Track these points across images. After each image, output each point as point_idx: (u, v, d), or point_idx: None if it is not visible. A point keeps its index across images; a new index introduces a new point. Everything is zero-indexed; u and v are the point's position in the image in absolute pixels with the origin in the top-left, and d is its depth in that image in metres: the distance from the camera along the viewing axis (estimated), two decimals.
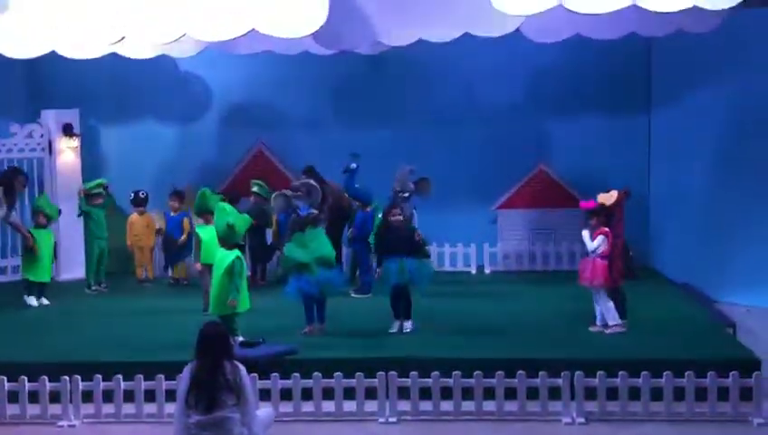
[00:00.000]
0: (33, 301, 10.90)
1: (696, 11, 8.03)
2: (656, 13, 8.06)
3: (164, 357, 8.29)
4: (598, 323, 9.12)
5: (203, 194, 10.25)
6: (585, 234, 9.04)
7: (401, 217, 9.38)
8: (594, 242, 8.95)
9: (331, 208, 11.13)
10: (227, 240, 8.67)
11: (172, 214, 12.17)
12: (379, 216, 10.34)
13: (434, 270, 9.76)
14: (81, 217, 11.98)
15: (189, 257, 12.12)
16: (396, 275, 9.12)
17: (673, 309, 10.27)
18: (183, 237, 12.01)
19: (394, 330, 9.23)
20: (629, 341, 8.79)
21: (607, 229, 8.95)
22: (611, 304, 9.02)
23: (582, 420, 7.56)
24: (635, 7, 7.77)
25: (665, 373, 7.57)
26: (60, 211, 11.49)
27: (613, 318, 9.02)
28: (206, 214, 10.09)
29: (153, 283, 12.37)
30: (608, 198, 9.11)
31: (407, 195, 10.84)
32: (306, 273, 8.99)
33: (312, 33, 8.31)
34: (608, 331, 9.01)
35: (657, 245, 12.80)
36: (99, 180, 12.11)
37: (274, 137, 13.31)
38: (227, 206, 9.03)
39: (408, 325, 9.25)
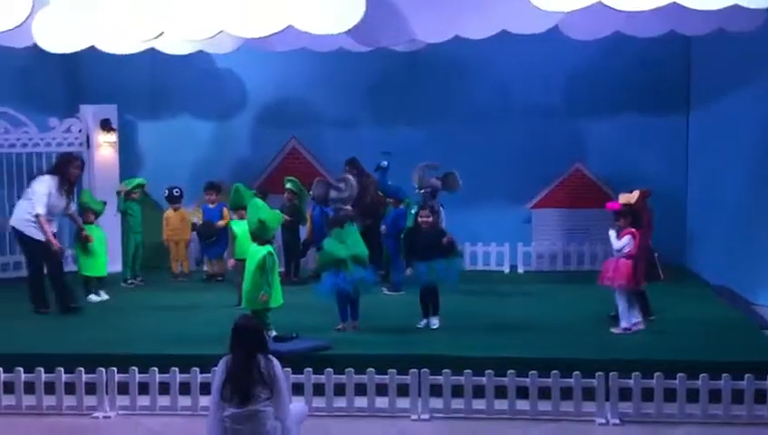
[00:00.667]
0: (94, 297, 10.83)
1: (737, 9, 7.92)
2: (696, 11, 7.97)
3: (199, 350, 8.33)
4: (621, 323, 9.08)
5: (237, 189, 10.34)
6: (612, 234, 9.04)
7: (430, 220, 9.36)
8: (620, 242, 8.93)
9: (370, 204, 11.21)
10: (259, 236, 8.71)
11: (210, 206, 12.25)
12: (413, 212, 10.33)
13: (463, 268, 9.70)
14: (119, 213, 12.10)
15: (225, 252, 12.25)
16: (424, 276, 9.18)
17: (710, 311, 10.17)
18: (222, 222, 12.04)
19: (421, 326, 9.28)
20: (665, 342, 8.71)
21: (633, 230, 8.92)
22: (628, 305, 8.98)
23: (617, 421, 7.50)
24: (675, 5, 7.67)
25: (701, 375, 7.49)
26: (105, 204, 11.41)
27: (627, 320, 8.97)
28: (240, 209, 10.17)
29: (188, 277, 12.46)
30: (629, 197, 9.15)
31: (423, 191, 10.76)
32: (343, 269, 9.01)
33: (349, 30, 8.30)
34: (616, 331, 8.99)
35: (695, 246, 12.69)
36: (138, 181, 12.21)
37: (308, 134, 13.35)
38: (260, 201, 9.08)
39: (434, 322, 9.28)
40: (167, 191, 12.39)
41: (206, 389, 7.27)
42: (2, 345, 8.83)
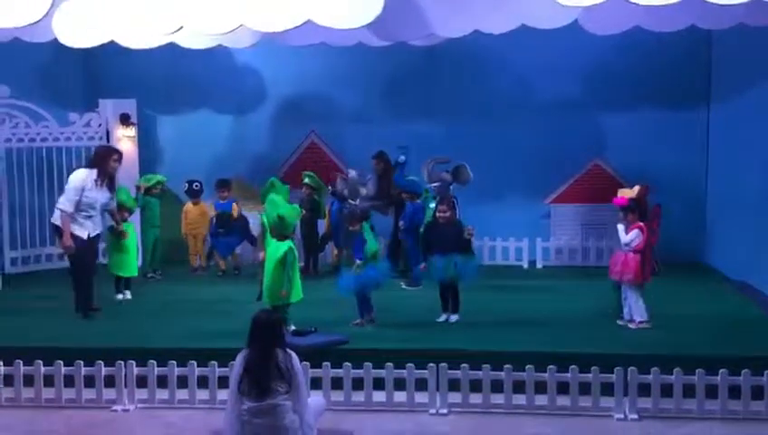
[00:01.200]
0: (120, 296, 10.64)
1: (758, 3, 7.85)
2: (717, 5, 7.91)
3: (217, 344, 8.36)
4: (625, 317, 9.09)
5: (272, 183, 10.23)
6: (620, 228, 9.06)
7: (448, 214, 9.34)
8: (629, 235, 8.95)
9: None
10: (279, 231, 8.74)
11: (221, 202, 12.28)
12: (431, 206, 10.34)
13: (479, 265, 9.68)
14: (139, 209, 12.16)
15: (239, 247, 12.37)
16: (441, 271, 9.18)
17: (729, 307, 10.12)
18: (234, 213, 12.10)
19: (441, 320, 9.30)
20: (684, 337, 8.68)
21: (641, 224, 8.94)
22: (641, 301, 8.99)
23: (635, 416, 7.48)
24: None
25: (720, 371, 7.46)
26: (136, 200, 11.32)
27: (641, 315, 8.98)
28: None
29: (206, 271, 12.50)
30: (630, 192, 9.21)
31: (433, 186, 10.80)
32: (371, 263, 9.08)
33: (367, 25, 8.30)
34: (633, 326, 8.98)
35: (715, 241, 12.62)
36: (158, 178, 12.24)
37: (327, 129, 13.35)
38: (277, 197, 9.08)
39: (453, 317, 9.29)
40: (186, 185, 12.44)
41: (224, 382, 7.31)
42: (22, 339, 8.90)
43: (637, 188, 9.23)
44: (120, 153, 10.24)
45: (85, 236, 9.71)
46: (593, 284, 11.32)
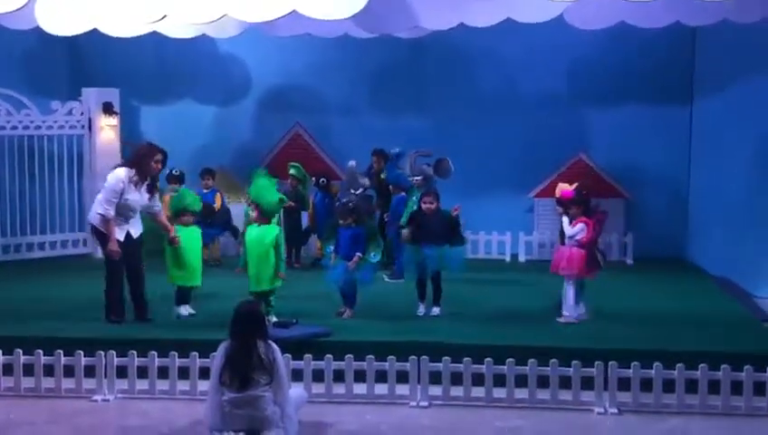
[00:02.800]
0: (182, 310, 9.30)
1: (742, 0, 7.89)
2: (701, 1, 7.95)
3: (198, 335, 8.34)
4: (577, 309, 9.11)
5: (258, 174, 10.00)
6: (565, 220, 9.07)
7: (434, 206, 9.34)
8: (573, 229, 8.96)
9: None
10: (271, 215, 8.79)
11: (205, 191, 12.22)
12: (414, 199, 10.35)
13: (465, 257, 9.69)
14: None
15: (219, 238, 12.31)
16: (430, 261, 9.16)
17: (710, 302, 10.16)
18: (217, 205, 12.08)
19: (420, 313, 9.30)
20: (665, 332, 8.71)
21: (586, 218, 8.97)
22: (576, 297, 9.04)
23: (615, 410, 7.50)
24: None
25: (700, 366, 7.49)
26: (201, 199, 10.05)
27: (570, 309, 9.03)
28: None
29: None
30: (565, 187, 9.35)
31: (414, 179, 10.84)
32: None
33: (353, 16, 8.28)
34: (561, 320, 9.04)
35: (696, 237, 12.68)
36: None
37: (312, 120, 13.32)
38: (269, 181, 9.04)
39: (436, 310, 9.30)
40: (167, 172, 12.33)
41: (205, 373, 7.28)
42: (1, 327, 8.83)
43: (575, 184, 9.39)
44: (164, 154, 9.24)
45: (122, 238, 9.01)
46: None
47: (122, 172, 8.98)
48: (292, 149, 13.22)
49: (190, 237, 9.32)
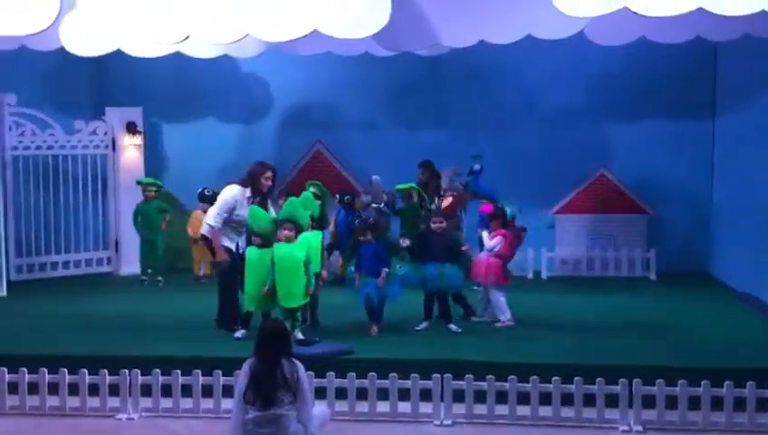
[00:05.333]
0: (239, 333, 9.09)
1: (764, 15, 7.84)
2: (722, 17, 7.90)
3: (222, 353, 8.36)
4: (483, 314, 9.74)
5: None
6: (485, 234, 9.78)
7: (443, 225, 9.52)
8: (492, 241, 9.62)
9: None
10: (300, 230, 8.91)
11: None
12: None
13: (463, 277, 9.72)
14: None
15: None
16: (433, 279, 9.30)
17: (734, 318, 10.10)
18: None
19: (419, 328, 9.38)
20: (689, 349, 8.66)
21: (504, 231, 9.66)
22: (503, 299, 9.53)
23: (640, 428, 7.46)
24: (701, 11, 7.62)
25: (725, 383, 7.44)
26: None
27: (504, 313, 9.47)
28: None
29: (209, 279, 12.46)
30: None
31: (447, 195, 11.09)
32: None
33: (374, 35, 8.31)
34: (498, 325, 9.43)
35: (719, 253, 12.59)
36: (154, 180, 12.41)
37: (333, 138, 13.37)
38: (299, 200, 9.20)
39: (453, 327, 9.36)
40: (199, 190, 12.34)
41: (228, 392, 7.30)
42: (26, 347, 8.90)
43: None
44: (273, 170, 9.51)
45: (234, 248, 9.32)
46: (598, 294, 11.35)
47: (236, 189, 9.37)
48: (312, 166, 13.27)
49: (261, 260, 8.96)
